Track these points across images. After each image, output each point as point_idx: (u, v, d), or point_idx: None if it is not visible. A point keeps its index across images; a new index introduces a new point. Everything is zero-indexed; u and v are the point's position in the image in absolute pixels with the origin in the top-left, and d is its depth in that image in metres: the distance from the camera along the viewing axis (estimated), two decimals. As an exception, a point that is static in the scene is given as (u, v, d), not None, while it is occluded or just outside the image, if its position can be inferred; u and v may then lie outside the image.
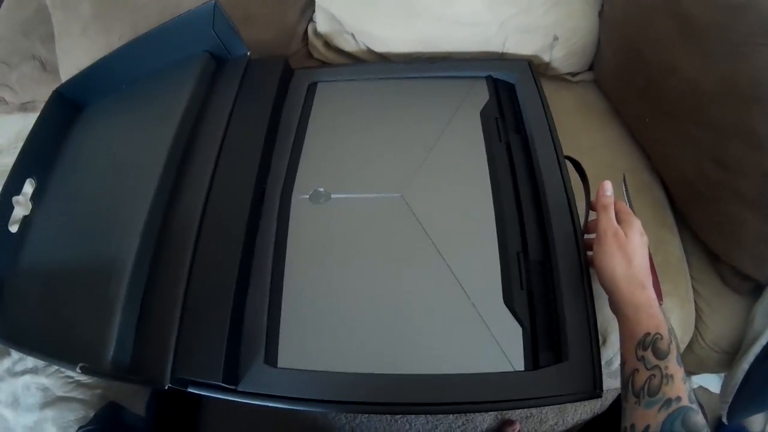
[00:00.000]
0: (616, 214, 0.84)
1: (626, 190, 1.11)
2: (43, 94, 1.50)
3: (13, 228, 1.08)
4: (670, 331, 0.72)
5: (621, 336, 0.77)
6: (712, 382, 1.36)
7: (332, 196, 1.00)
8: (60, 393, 1.11)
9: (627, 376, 0.72)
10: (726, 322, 1.11)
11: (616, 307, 0.79)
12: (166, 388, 0.81)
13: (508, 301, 0.85)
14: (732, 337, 1.10)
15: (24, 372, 1.12)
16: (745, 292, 1.10)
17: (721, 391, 1.11)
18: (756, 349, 1.01)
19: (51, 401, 1.10)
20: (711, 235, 1.11)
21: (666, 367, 0.68)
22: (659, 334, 0.71)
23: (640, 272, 0.78)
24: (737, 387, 1.04)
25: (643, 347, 0.71)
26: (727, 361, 1.12)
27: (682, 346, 1.12)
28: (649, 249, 0.95)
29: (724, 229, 1.07)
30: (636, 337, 0.72)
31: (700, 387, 1.42)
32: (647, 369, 0.70)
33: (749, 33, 0.93)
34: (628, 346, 0.74)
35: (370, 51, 1.45)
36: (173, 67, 1.15)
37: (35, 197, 1.13)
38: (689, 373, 1.26)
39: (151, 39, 1.14)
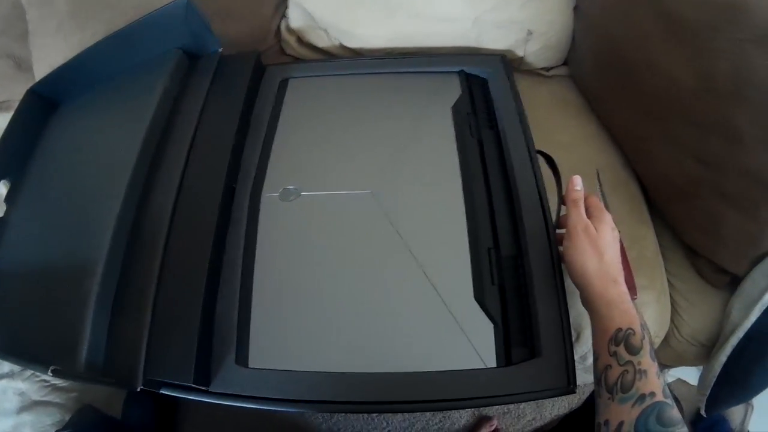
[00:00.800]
0: (587, 209, 0.83)
1: (600, 186, 1.11)
2: (17, 92, 1.47)
3: (-12, 230, 1.07)
4: (643, 326, 0.72)
5: (593, 331, 0.76)
6: (690, 374, 1.37)
7: (302, 193, 0.99)
8: (36, 397, 1.10)
9: (600, 372, 0.72)
10: (703, 315, 1.12)
11: (587, 302, 0.78)
12: (139, 389, 0.81)
13: (480, 297, 0.85)
14: (709, 330, 1.11)
15: (1, 376, 1.11)
16: (722, 286, 1.11)
17: (698, 384, 1.12)
18: (733, 341, 1.01)
19: (28, 405, 1.10)
20: (690, 231, 1.12)
21: (639, 363, 0.68)
22: (632, 329, 0.71)
23: (611, 267, 0.77)
24: (715, 379, 1.04)
25: (616, 343, 0.71)
26: (704, 354, 1.13)
27: (658, 340, 1.12)
28: (622, 243, 0.96)
29: (703, 225, 1.07)
30: (608, 333, 0.72)
31: (679, 379, 1.43)
32: (620, 365, 0.70)
33: (731, 29, 0.93)
34: (600, 342, 0.74)
35: (343, 47, 1.44)
36: (146, 64, 1.14)
37: (9, 198, 1.12)
38: (666, 366, 1.27)
39: (124, 36, 1.13)
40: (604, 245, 0.78)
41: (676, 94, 1.03)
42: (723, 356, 1.03)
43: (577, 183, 0.85)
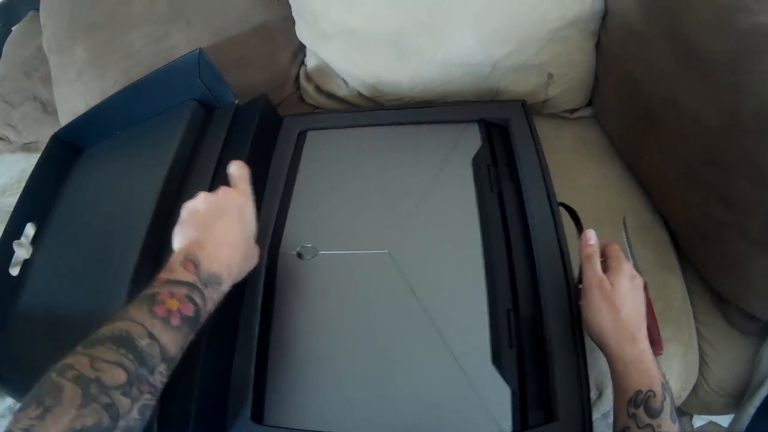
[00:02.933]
0: (606, 259, 0.82)
1: (626, 233, 1.09)
2: (44, 134, 1.51)
3: (14, 271, 1.09)
4: (664, 385, 0.70)
5: (613, 390, 0.75)
6: (722, 416, 1.33)
7: (319, 252, 0.99)
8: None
9: None
10: (731, 364, 1.09)
11: (608, 361, 0.77)
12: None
13: (497, 360, 0.83)
14: (737, 379, 1.08)
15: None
16: (751, 333, 1.08)
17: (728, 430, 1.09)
18: (763, 392, 0.99)
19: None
20: (716, 276, 1.08)
21: (659, 426, 0.67)
22: (652, 391, 0.69)
23: (629, 324, 0.75)
24: (744, 430, 1.02)
25: (635, 405, 0.69)
26: (733, 404, 1.10)
27: (685, 393, 1.10)
28: (647, 293, 0.93)
29: (729, 269, 1.04)
30: (627, 394, 0.71)
31: (711, 422, 1.39)
32: (639, 427, 0.68)
33: (753, 61, 0.90)
34: (619, 402, 0.72)
35: (361, 95, 1.44)
36: (164, 116, 1.16)
37: (36, 240, 1.14)
38: (693, 414, 1.24)
39: (141, 87, 1.15)
40: (620, 300, 0.76)
41: (699, 132, 1.00)
42: (752, 408, 1.00)
43: (591, 237, 0.83)
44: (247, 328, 0.91)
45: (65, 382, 0.54)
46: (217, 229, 0.76)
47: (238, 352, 0.89)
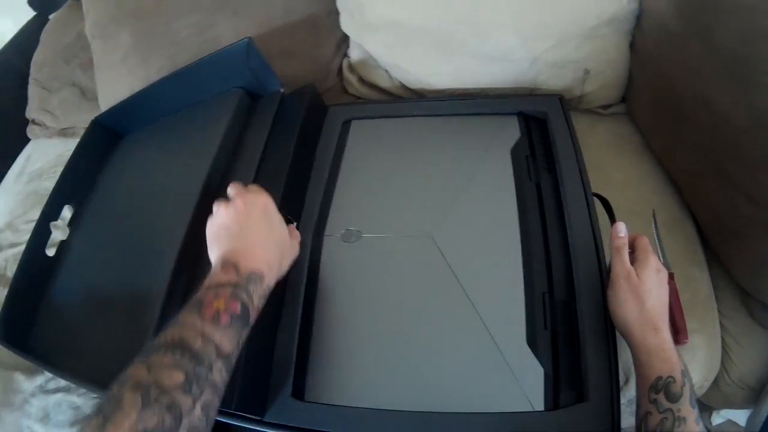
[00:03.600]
0: (634, 252, 0.84)
1: (656, 227, 1.11)
2: (82, 120, 1.53)
3: (51, 251, 1.11)
4: (684, 372, 0.72)
5: (636, 377, 0.77)
6: (740, 415, 1.34)
7: (363, 235, 1.01)
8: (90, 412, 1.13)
9: (640, 419, 0.73)
10: (753, 358, 1.10)
11: (630, 349, 0.79)
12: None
13: (532, 341, 0.85)
14: (759, 373, 1.10)
15: (56, 390, 1.14)
16: (775, 328, 1.09)
17: (746, 427, 1.10)
18: (783, 386, 1.00)
19: (81, 420, 1.10)
20: (741, 272, 1.10)
21: (678, 410, 0.69)
22: (672, 377, 0.71)
23: (653, 315, 0.77)
24: (762, 424, 1.03)
25: (656, 390, 0.71)
26: (753, 397, 1.12)
27: (708, 384, 1.12)
28: (675, 283, 0.95)
29: (754, 266, 1.06)
30: (649, 381, 0.73)
31: (729, 420, 1.40)
32: (659, 412, 0.70)
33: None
34: (641, 389, 0.74)
35: (404, 86, 1.46)
36: (209, 103, 1.17)
37: (73, 223, 1.16)
38: (714, 408, 1.26)
39: (187, 74, 1.16)
40: (646, 292, 0.78)
41: (728, 131, 1.02)
42: (771, 401, 1.02)
43: (621, 230, 0.85)
44: (291, 307, 0.93)
45: (124, 391, 0.55)
46: (247, 233, 0.78)
47: (281, 331, 0.91)
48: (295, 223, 0.97)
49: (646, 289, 0.78)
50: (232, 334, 0.66)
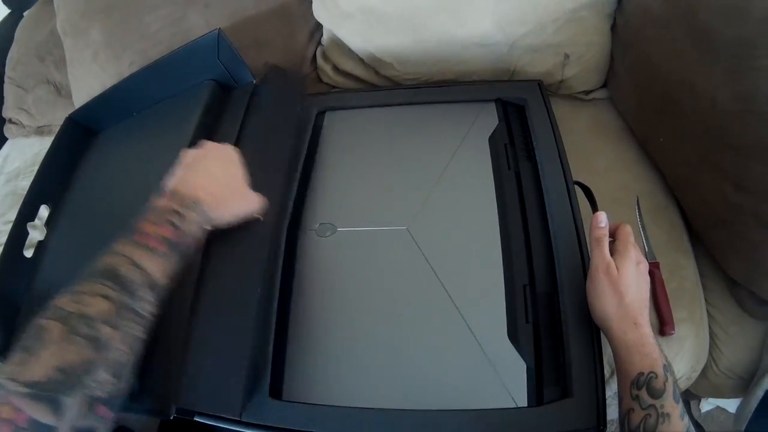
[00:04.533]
0: (616, 242, 0.82)
1: (639, 214, 1.10)
2: (58, 118, 1.53)
3: (29, 253, 1.10)
4: (666, 367, 0.71)
5: (617, 373, 0.76)
6: (729, 402, 1.34)
7: (338, 229, 1.00)
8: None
9: (623, 415, 0.72)
10: (742, 348, 1.10)
11: (610, 344, 0.77)
12: (172, 418, 0.82)
13: (513, 335, 0.84)
14: (747, 363, 1.09)
15: None
16: (762, 317, 1.08)
17: (735, 417, 1.10)
18: (772, 375, 0.99)
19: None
20: (729, 260, 1.09)
21: (662, 406, 0.68)
22: (653, 372, 0.70)
23: (633, 309, 0.75)
24: (752, 414, 1.02)
25: (638, 387, 0.70)
26: (742, 386, 1.11)
27: (695, 374, 1.11)
28: (660, 275, 0.94)
29: (742, 253, 1.04)
30: (630, 377, 0.72)
31: (718, 407, 1.40)
32: (642, 408, 0.69)
33: (769, 46, 0.91)
34: (623, 385, 0.73)
35: (379, 74, 1.45)
36: (181, 96, 1.16)
37: (50, 222, 1.14)
38: (702, 397, 1.25)
39: (158, 68, 1.15)
40: (625, 286, 0.76)
41: (714, 116, 1.00)
42: (760, 391, 1.01)
43: (602, 220, 0.82)
44: (266, 304, 0.91)
45: (48, 322, 0.55)
46: (199, 167, 0.81)
47: (257, 329, 0.89)
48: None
49: (625, 282, 0.76)
50: (164, 261, 0.67)
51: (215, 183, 0.80)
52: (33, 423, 0.51)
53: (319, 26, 1.50)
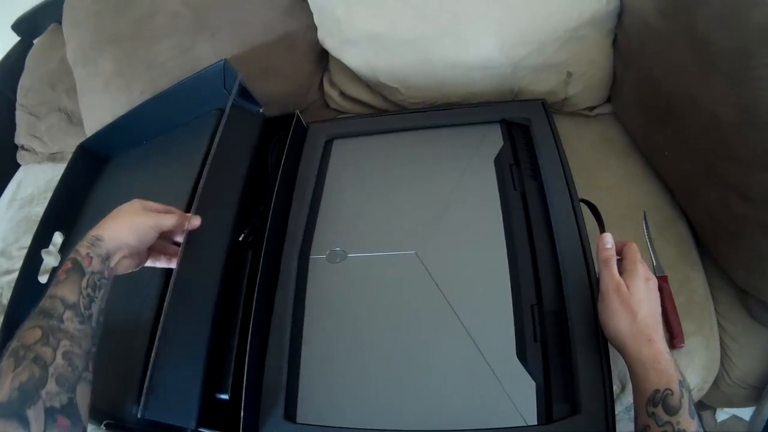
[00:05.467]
0: (624, 261, 0.82)
1: (647, 229, 1.10)
2: (70, 145, 1.53)
3: (43, 278, 1.12)
4: (682, 382, 0.71)
5: (633, 390, 0.76)
6: (745, 411, 1.33)
7: (348, 255, 1.01)
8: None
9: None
10: (753, 357, 1.10)
11: (626, 362, 0.77)
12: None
13: (521, 354, 0.85)
14: (759, 372, 1.09)
15: None
16: (773, 326, 1.08)
17: (749, 426, 1.09)
18: (784, 383, 0.99)
19: None
20: (738, 270, 1.08)
21: (678, 423, 0.68)
22: (669, 389, 0.70)
23: (646, 326, 0.75)
24: (765, 423, 1.02)
25: (654, 404, 0.70)
26: (754, 395, 1.11)
27: (707, 386, 1.10)
28: (669, 290, 0.94)
29: (750, 263, 1.04)
30: (646, 394, 0.71)
31: (734, 416, 1.39)
32: (658, 425, 0.69)
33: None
34: (639, 402, 0.73)
35: (385, 99, 1.46)
36: (189, 125, 1.18)
37: (63, 249, 1.17)
38: (715, 408, 1.25)
39: (166, 98, 1.17)
40: (637, 303, 0.77)
41: (717, 128, 1.00)
42: (774, 399, 1.01)
43: (608, 241, 0.83)
44: (279, 329, 0.93)
45: (3, 361, 0.62)
46: (109, 217, 0.86)
47: (271, 353, 0.91)
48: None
49: (636, 300, 0.77)
50: (71, 284, 0.73)
51: (120, 228, 0.84)
52: None
53: (325, 53, 1.51)
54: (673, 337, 1.02)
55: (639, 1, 1.18)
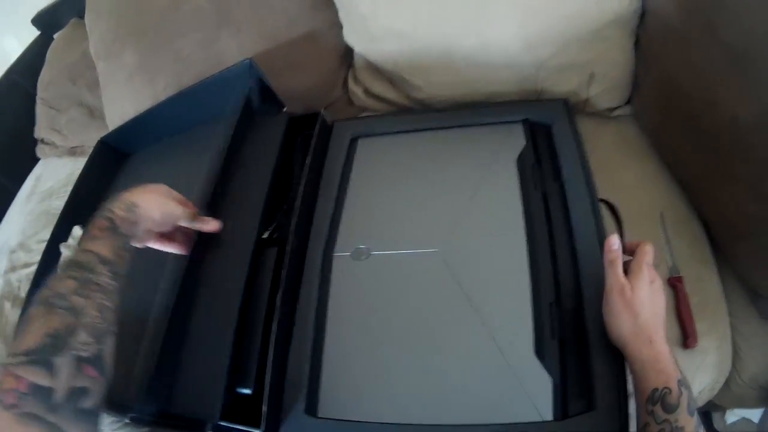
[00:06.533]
0: (631, 262, 0.83)
1: (664, 228, 1.11)
2: (91, 139, 1.54)
3: (61, 272, 1.13)
4: (681, 381, 0.73)
5: (634, 390, 0.78)
6: (755, 413, 1.34)
7: (372, 253, 1.02)
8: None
9: (640, 429, 0.74)
10: (764, 358, 1.10)
11: (627, 361, 0.79)
12: (208, 433, 0.85)
13: (539, 351, 0.86)
14: (770, 373, 1.09)
15: None
16: (785, 328, 1.08)
17: (758, 427, 1.10)
18: (795, 386, 1.00)
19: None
20: (750, 271, 1.10)
21: (676, 420, 0.69)
22: (668, 388, 0.72)
23: (647, 327, 0.77)
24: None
25: (653, 402, 0.72)
26: (765, 397, 1.12)
27: (718, 385, 1.11)
28: (683, 286, 0.95)
29: (763, 265, 1.05)
30: (645, 393, 0.73)
31: (743, 419, 1.40)
32: (657, 423, 0.71)
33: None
34: (639, 401, 0.75)
35: (409, 96, 1.46)
36: (212, 122, 1.18)
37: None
38: (726, 408, 1.25)
39: (190, 95, 1.18)
40: (639, 305, 0.78)
41: (735, 130, 1.01)
42: (784, 401, 1.01)
43: (614, 243, 0.84)
44: (303, 324, 0.95)
45: (32, 308, 0.64)
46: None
47: (294, 348, 0.93)
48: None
49: (639, 302, 0.78)
50: (107, 242, 0.76)
51: (149, 197, 0.89)
52: (33, 387, 0.58)
53: (350, 50, 1.51)
54: (687, 337, 1.03)
55: (661, 2, 1.18)
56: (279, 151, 1.12)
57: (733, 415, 1.38)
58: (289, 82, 1.18)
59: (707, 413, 0.79)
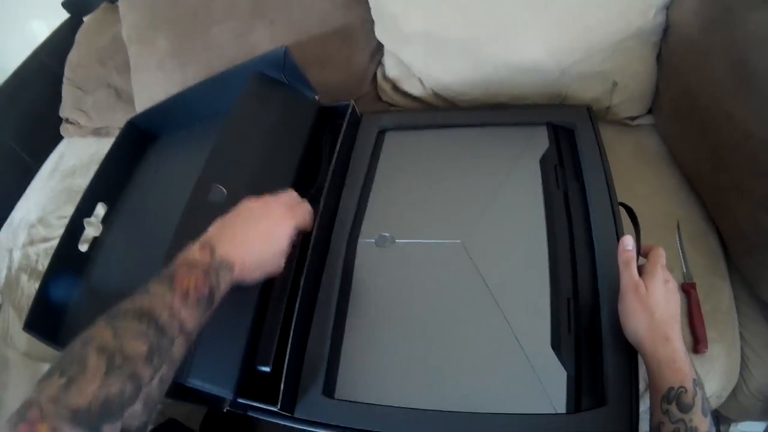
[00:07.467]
0: (646, 263, 0.85)
1: (679, 238, 1.12)
2: (116, 120, 1.57)
3: (83, 247, 1.15)
4: (696, 381, 0.74)
5: (649, 388, 0.79)
6: (758, 428, 1.35)
7: (396, 240, 1.04)
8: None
9: (654, 428, 0.75)
10: (772, 371, 1.11)
11: (643, 360, 0.80)
12: (225, 410, 0.87)
13: (556, 345, 0.87)
14: (777, 385, 1.10)
15: None
16: (795, 342, 1.09)
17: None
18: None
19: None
20: (762, 285, 1.10)
21: (690, 420, 0.70)
22: (683, 387, 0.72)
23: (663, 325, 0.78)
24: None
25: (668, 401, 0.73)
26: (770, 409, 1.12)
27: (726, 394, 1.12)
28: (696, 294, 0.97)
29: (774, 279, 1.06)
30: (661, 392, 0.74)
31: (748, 433, 1.41)
32: (672, 422, 0.71)
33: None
34: (654, 399, 0.76)
35: (436, 95, 1.48)
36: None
37: (106, 220, 1.19)
38: (732, 420, 1.26)
39: (223, 80, 1.19)
40: (654, 303, 0.80)
41: (751, 145, 1.02)
42: (788, 415, 1.02)
43: (628, 243, 0.86)
44: (324, 307, 0.97)
45: (89, 352, 0.59)
46: (239, 225, 0.82)
47: (314, 330, 0.95)
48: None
49: (654, 300, 0.80)
50: (197, 313, 0.70)
51: (253, 249, 0.82)
52: None
53: (380, 46, 1.53)
54: (697, 342, 1.04)
55: (684, 16, 1.19)
56: (308, 136, 1.14)
57: (737, 430, 1.38)
58: (319, 75, 1.19)
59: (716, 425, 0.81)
